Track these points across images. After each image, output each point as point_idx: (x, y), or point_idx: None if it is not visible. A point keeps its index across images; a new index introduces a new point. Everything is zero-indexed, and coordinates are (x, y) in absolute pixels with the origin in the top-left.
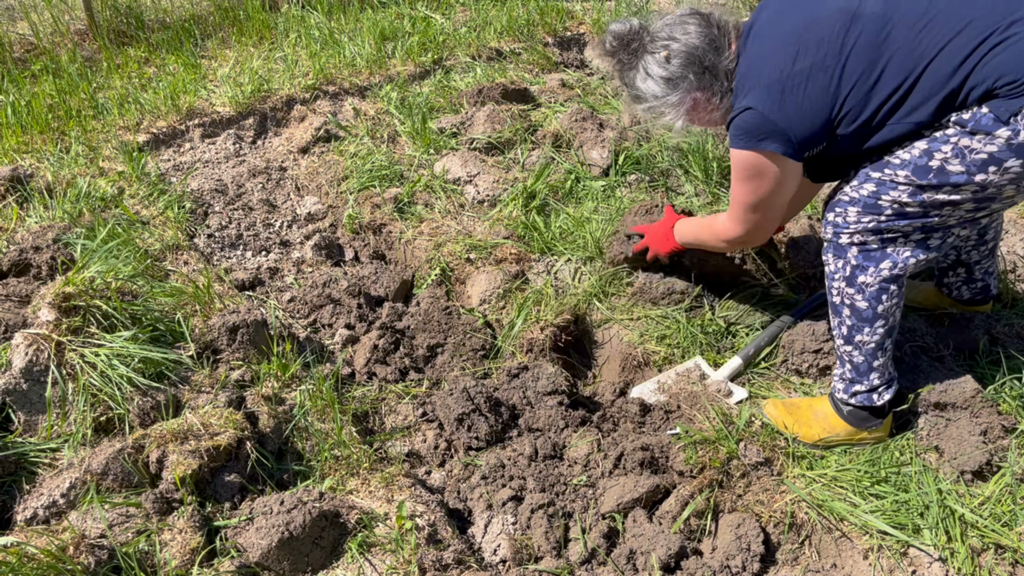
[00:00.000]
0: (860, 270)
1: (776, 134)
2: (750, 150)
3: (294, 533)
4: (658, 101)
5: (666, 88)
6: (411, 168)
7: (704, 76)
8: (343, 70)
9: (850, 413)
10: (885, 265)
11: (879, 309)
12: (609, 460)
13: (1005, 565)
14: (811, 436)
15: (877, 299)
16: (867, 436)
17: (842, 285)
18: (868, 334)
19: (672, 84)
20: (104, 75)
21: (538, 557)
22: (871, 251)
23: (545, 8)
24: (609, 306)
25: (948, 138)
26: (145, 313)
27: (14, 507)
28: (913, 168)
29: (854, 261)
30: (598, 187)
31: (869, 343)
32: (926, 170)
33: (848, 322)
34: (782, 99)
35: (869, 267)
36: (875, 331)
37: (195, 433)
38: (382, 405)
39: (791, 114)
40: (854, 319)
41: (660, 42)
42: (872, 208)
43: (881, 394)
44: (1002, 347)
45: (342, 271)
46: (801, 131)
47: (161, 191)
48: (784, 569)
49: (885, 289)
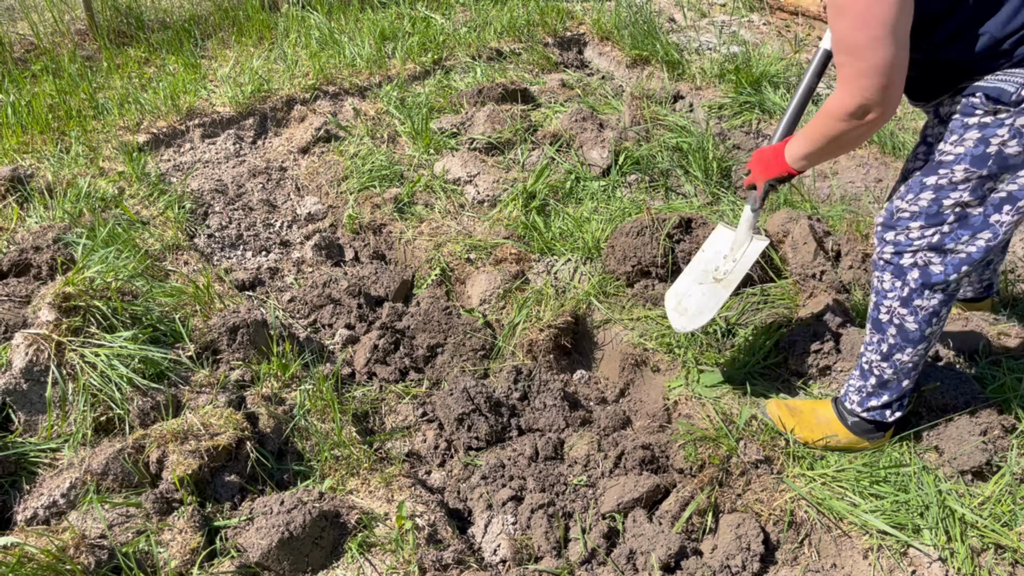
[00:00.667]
0: (918, 294)
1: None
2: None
3: (294, 533)
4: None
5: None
6: (411, 168)
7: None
8: (343, 70)
9: (855, 424)
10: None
11: (927, 332)
12: (609, 460)
13: (1005, 565)
14: (811, 439)
15: (928, 322)
16: (867, 445)
17: (895, 305)
18: (910, 355)
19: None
20: (104, 75)
21: (538, 557)
22: (932, 273)
23: (545, 8)
24: (609, 306)
25: (1002, 122)
26: (145, 313)
27: (14, 507)
28: (970, 160)
29: (913, 284)
30: (598, 187)
31: (907, 363)
32: (984, 158)
33: (891, 340)
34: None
35: (926, 291)
36: (916, 352)
37: (195, 433)
38: (382, 405)
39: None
40: (899, 339)
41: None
42: (935, 218)
43: (894, 411)
44: (1002, 347)
45: (342, 271)
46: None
47: (161, 191)
48: (784, 569)
49: (937, 313)
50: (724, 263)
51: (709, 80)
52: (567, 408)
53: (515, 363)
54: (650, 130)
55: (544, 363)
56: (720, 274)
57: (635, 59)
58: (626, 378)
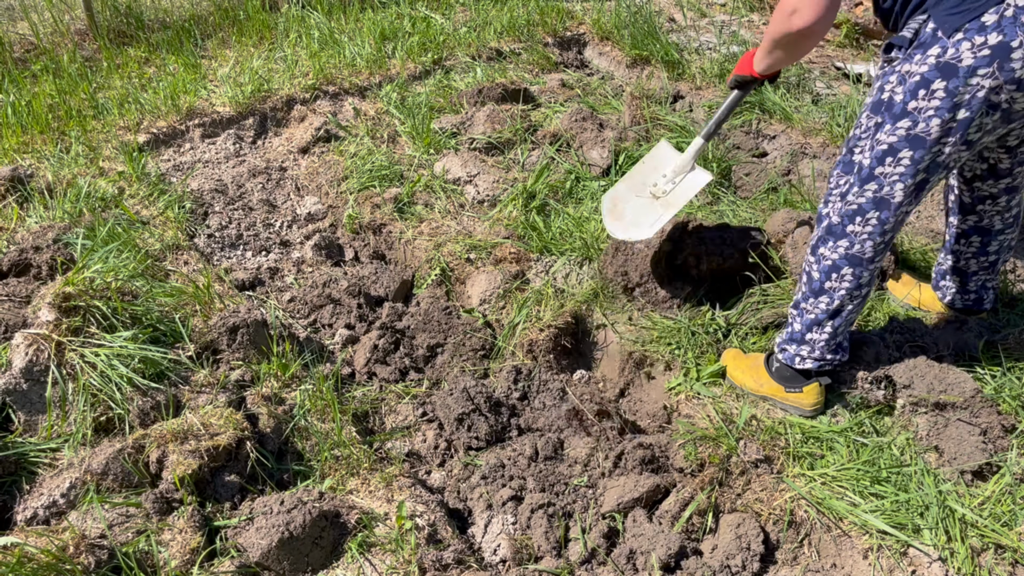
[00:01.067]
0: (822, 241)
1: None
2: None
3: (294, 533)
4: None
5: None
6: (411, 168)
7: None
8: (343, 70)
9: (777, 370)
10: (843, 244)
11: (826, 285)
12: (609, 460)
13: (1005, 565)
14: (744, 383)
15: (827, 275)
16: (790, 398)
17: (807, 254)
18: (812, 305)
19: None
20: (104, 75)
21: (538, 557)
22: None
23: (545, 8)
24: (609, 306)
25: (894, 69)
26: (145, 313)
27: (14, 507)
28: (871, 107)
29: (820, 232)
30: (598, 187)
31: (810, 314)
32: (878, 105)
33: (803, 289)
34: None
35: (830, 240)
36: (818, 305)
37: (195, 433)
38: (382, 405)
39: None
40: (806, 288)
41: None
42: (847, 167)
43: (804, 360)
44: (1002, 347)
45: (342, 271)
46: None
47: (161, 191)
48: (784, 568)
49: (838, 268)
50: (663, 181)
51: (709, 80)
52: (567, 408)
53: (515, 363)
54: (650, 130)
55: (544, 363)
56: (658, 191)
57: (635, 59)
58: (626, 378)
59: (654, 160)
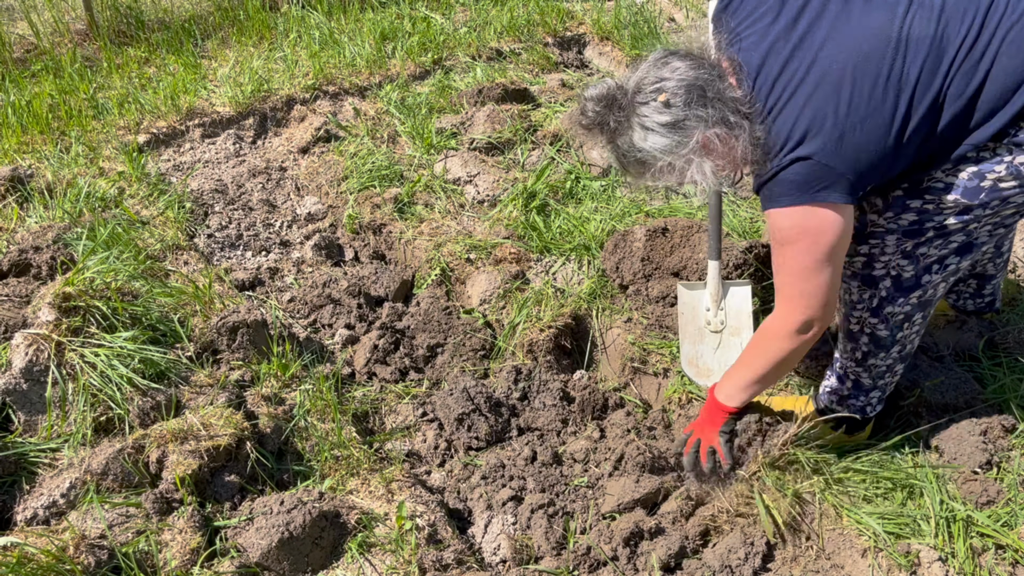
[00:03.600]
0: (889, 301)
1: (836, 182)
2: (804, 204)
3: (294, 533)
4: (670, 156)
5: (674, 136)
6: (411, 168)
7: (714, 107)
8: (343, 70)
9: (836, 420)
10: (915, 295)
11: (899, 336)
12: (609, 461)
13: (1005, 565)
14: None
15: (900, 327)
16: (848, 440)
17: (864, 315)
18: (883, 359)
19: (679, 129)
20: (104, 75)
21: (538, 557)
22: (904, 279)
23: (545, 8)
24: (609, 306)
25: (1001, 159)
26: (145, 313)
27: (14, 507)
28: (963, 191)
29: (884, 292)
30: (598, 187)
31: (881, 367)
32: (977, 191)
33: (864, 348)
34: (841, 144)
35: (899, 297)
36: (890, 355)
37: (195, 433)
38: (382, 405)
39: (851, 157)
40: (872, 346)
41: (649, 89)
42: (914, 234)
43: (874, 407)
44: (1003, 348)
45: (342, 271)
46: (862, 174)
47: (161, 191)
48: (784, 568)
49: (910, 317)
50: (712, 315)
51: None
52: (567, 408)
53: (515, 363)
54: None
55: (544, 363)
56: (717, 325)
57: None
58: (626, 378)
59: (686, 307)
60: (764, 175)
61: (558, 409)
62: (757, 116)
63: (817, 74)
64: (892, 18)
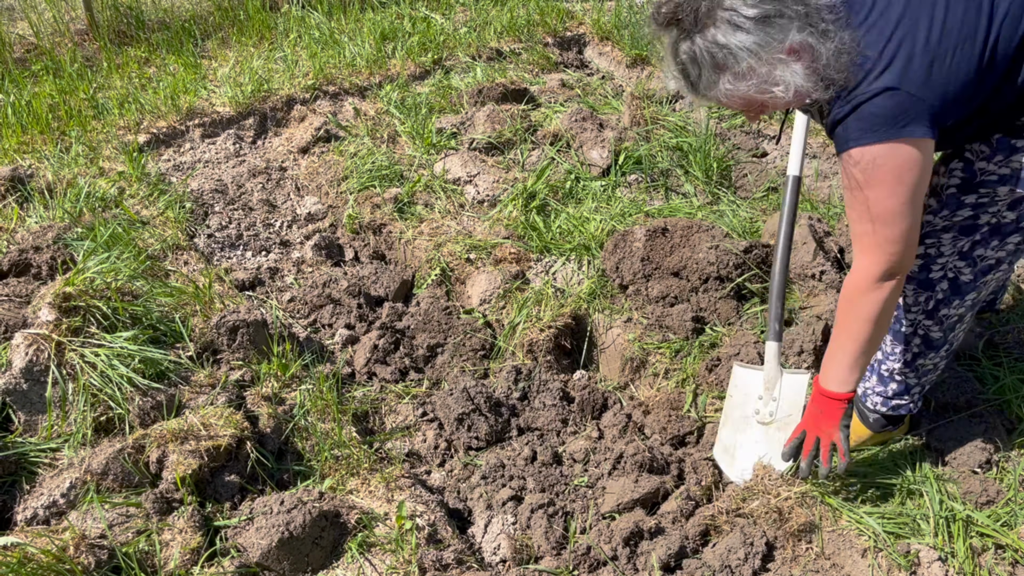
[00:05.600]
0: (945, 304)
1: (923, 115)
2: (888, 140)
3: (294, 533)
4: (754, 56)
5: (761, 33)
6: (411, 168)
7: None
8: (343, 70)
9: (876, 420)
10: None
11: (950, 336)
12: (609, 461)
13: (1005, 565)
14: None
15: (952, 328)
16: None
17: (919, 318)
18: (932, 359)
19: (769, 25)
20: (104, 75)
21: (538, 557)
22: (962, 282)
23: (545, 8)
24: (609, 307)
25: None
26: (145, 313)
27: (14, 507)
28: (1018, 181)
29: (941, 295)
30: (598, 187)
31: (929, 366)
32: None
33: (915, 350)
34: (931, 72)
35: (955, 300)
36: (939, 355)
37: (195, 433)
38: (382, 405)
39: (939, 87)
40: (923, 347)
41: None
42: (970, 230)
43: (917, 404)
44: (1003, 348)
45: (342, 271)
46: (948, 106)
47: (161, 191)
48: (784, 569)
49: (963, 318)
50: (762, 404)
51: None
52: (567, 408)
53: (515, 363)
54: (650, 130)
55: (544, 363)
56: (765, 417)
57: (635, 59)
58: (626, 378)
59: (741, 389)
60: (844, 107)
61: (558, 409)
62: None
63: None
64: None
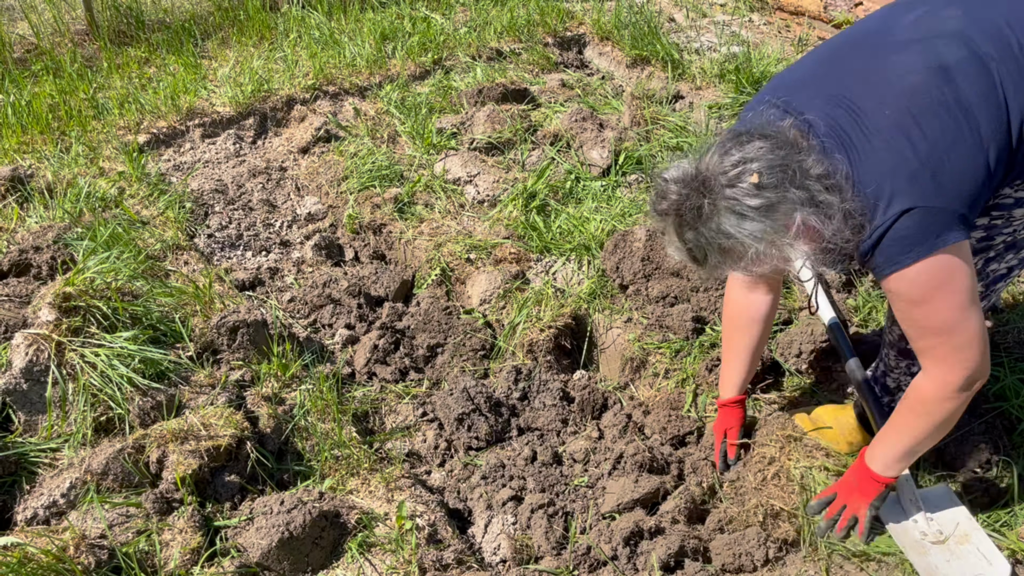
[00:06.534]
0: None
1: (950, 220)
2: (931, 255)
3: (294, 533)
4: (761, 243)
5: (767, 220)
6: (411, 168)
7: (803, 188)
8: (343, 70)
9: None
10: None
11: None
12: (609, 461)
13: None
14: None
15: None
16: None
17: None
18: None
19: (773, 211)
20: (104, 75)
21: (538, 557)
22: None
23: (545, 8)
24: (609, 307)
25: None
26: (145, 313)
27: (14, 507)
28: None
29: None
30: (598, 187)
31: None
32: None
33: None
34: (936, 180)
35: None
36: None
37: (195, 433)
38: (382, 405)
39: (954, 190)
40: None
41: (733, 171)
42: (983, 252)
43: None
44: (1003, 348)
45: (342, 271)
46: (972, 202)
47: (161, 191)
48: (784, 568)
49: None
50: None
51: (709, 80)
52: (567, 408)
53: (515, 363)
54: (650, 130)
55: (544, 363)
56: (936, 535)
57: (635, 59)
58: (626, 378)
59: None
60: (870, 240)
61: (558, 409)
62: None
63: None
64: (918, 53)
